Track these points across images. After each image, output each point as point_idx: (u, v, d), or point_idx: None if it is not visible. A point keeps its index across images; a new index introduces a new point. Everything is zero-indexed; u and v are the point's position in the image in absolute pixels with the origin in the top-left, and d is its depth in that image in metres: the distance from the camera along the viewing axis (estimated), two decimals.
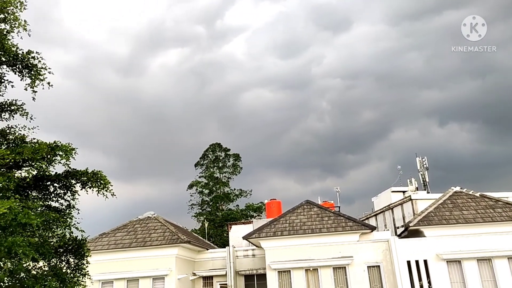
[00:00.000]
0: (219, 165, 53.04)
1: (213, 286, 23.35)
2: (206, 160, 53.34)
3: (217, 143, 54.23)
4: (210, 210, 50.78)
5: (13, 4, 8.67)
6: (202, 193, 52.05)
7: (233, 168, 53.19)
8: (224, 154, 53.54)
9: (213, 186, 51.71)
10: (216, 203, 50.81)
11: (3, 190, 8.04)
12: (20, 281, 9.31)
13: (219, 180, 52.20)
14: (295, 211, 22.47)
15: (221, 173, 52.90)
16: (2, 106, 10.05)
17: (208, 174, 52.38)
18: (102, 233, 22.68)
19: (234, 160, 53.38)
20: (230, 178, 52.87)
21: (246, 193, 51.91)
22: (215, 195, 51.16)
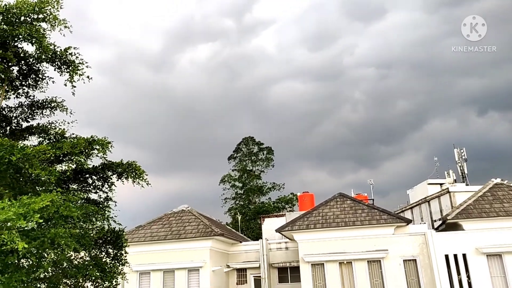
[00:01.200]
0: (252, 158, 53.30)
1: (247, 278, 23.57)
2: (239, 154, 53.74)
3: (250, 137, 54.50)
4: (242, 203, 51.18)
5: (50, 4, 8.97)
6: (234, 186, 52.50)
7: (266, 161, 53.33)
8: (257, 148, 53.76)
9: (246, 179, 52.06)
10: (249, 196, 51.13)
11: (46, 184, 8.38)
12: (63, 270, 9.71)
13: (252, 173, 52.47)
14: (328, 204, 22.29)
15: (254, 166, 53.16)
16: (43, 103, 10.46)
17: (241, 167, 52.76)
18: (139, 226, 23.28)
19: (267, 153, 53.51)
20: (263, 171, 53.10)
21: (279, 186, 51.97)
22: (247, 188, 51.47)
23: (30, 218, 6.79)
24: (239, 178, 52.39)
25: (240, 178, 52.41)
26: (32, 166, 7.49)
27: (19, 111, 10.49)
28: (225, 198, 52.80)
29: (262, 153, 53.72)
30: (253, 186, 51.50)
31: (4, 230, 6.70)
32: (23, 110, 10.50)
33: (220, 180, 53.09)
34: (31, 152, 7.43)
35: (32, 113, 10.57)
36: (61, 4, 9.21)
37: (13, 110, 10.42)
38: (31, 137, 10.36)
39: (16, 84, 9.83)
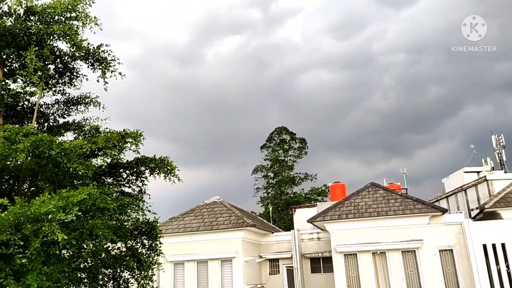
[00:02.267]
0: (284, 148, 53.31)
1: (279, 269, 23.69)
2: (272, 143, 53.86)
3: (283, 127, 54.41)
4: (274, 194, 51.33)
5: (82, 2, 9.23)
6: (266, 176, 52.70)
7: (298, 151, 53.22)
8: (290, 137, 53.67)
9: (278, 169, 52.17)
10: (281, 186, 51.20)
11: (83, 178, 8.67)
12: (102, 260, 10.07)
13: (284, 164, 52.52)
14: (360, 193, 22.03)
15: (286, 156, 53.16)
16: (78, 99, 10.80)
17: (273, 157, 52.87)
18: (172, 217, 23.77)
19: (300, 143, 53.37)
20: (295, 162, 53.04)
21: (311, 177, 51.79)
22: (280, 178, 51.56)
23: (69, 210, 7.06)
24: (271, 167, 52.58)
25: (272, 167, 52.59)
26: (70, 161, 7.76)
27: (56, 107, 10.86)
28: (257, 188, 53.11)
29: (294, 142, 53.62)
30: (285, 176, 51.53)
31: (45, 222, 7.00)
32: (59, 106, 10.88)
33: (252, 170, 53.42)
34: (68, 147, 7.69)
35: (67, 110, 10.93)
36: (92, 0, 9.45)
37: (50, 107, 10.81)
38: (67, 133, 10.72)
39: (53, 82, 10.18)
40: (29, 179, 9.28)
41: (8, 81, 9.11)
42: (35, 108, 9.66)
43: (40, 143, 7.44)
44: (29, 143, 7.29)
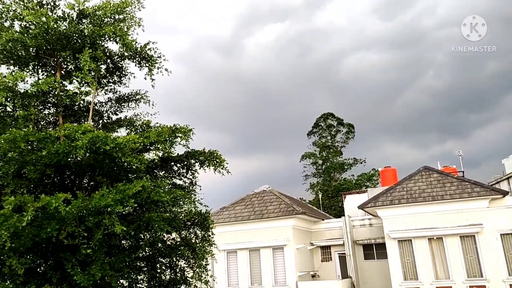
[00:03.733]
0: (331, 133, 52.71)
1: (331, 256, 23.58)
2: (319, 129, 53.39)
3: (330, 113, 53.74)
4: (323, 181, 50.95)
5: (131, 4, 9.56)
6: (315, 163, 52.40)
7: (346, 137, 52.46)
8: (337, 123, 52.95)
9: (326, 155, 51.71)
10: (330, 173, 50.72)
11: (137, 171, 9.05)
12: (159, 250, 10.51)
13: (332, 150, 51.98)
14: (413, 178, 21.35)
15: (333, 142, 52.56)
16: (128, 96, 11.23)
17: (320, 143, 52.46)
18: (223, 207, 24.24)
19: (347, 129, 52.54)
20: (344, 147, 52.35)
21: (361, 161, 50.88)
22: (328, 165, 51.09)
23: (126, 203, 7.40)
24: (319, 153, 52.22)
25: (320, 153, 52.21)
26: (124, 155, 8.11)
27: (109, 105, 11.35)
28: (306, 175, 52.94)
29: (341, 127, 52.85)
30: (333, 163, 50.98)
31: (105, 215, 7.39)
32: (112, 104, 11.35)
33: (301, 157, 53.28)
34: (122, 142, 8.02)
35: (120, 107, 11.39)
36: (142, 4, 9.77)
37: (103, 105, 11.31)
38: (120, 129, 11.19)
39: (105, 81, 10.64)
40: (89, 174, 9.77)
41: (65, 82, 9.62)
42: (90, 106, 10.14)
43: (96, 140, 7.81)
44: (86, 140, 7.68)
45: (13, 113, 9.32)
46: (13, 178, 7.91)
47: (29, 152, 7.79)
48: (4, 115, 9.07)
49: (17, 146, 7.46)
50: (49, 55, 9.56)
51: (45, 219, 7.26)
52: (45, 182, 8.71)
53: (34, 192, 8.31)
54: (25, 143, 7.62)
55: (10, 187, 7.76)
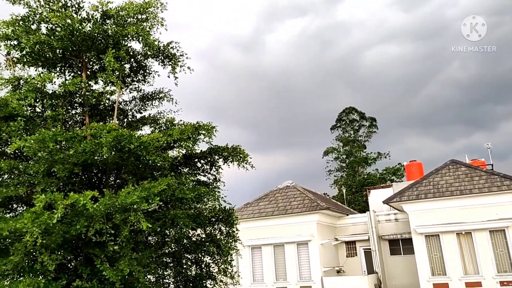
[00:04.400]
0: (354, 128, 52.20)
1: (356, 251, 23.38)
2: (342, 124, 52.96)
3: (352, 107, 53.26)
4: (347, 176, 50.51)
5: (154, 5, 9.67)
6: (338, 158, 52.01)
7: (368, 131, 51.86)
8: (359, 117, 52.39)
9: (350, 150, 51.26)
10: (354, 168, 50.24)
11: (161, 169, 9.17)
12: (184, 246, 10.65)
13: (355, 144, 51.50)
14: (439, 171, 20.92)
15: (356, 136, 52.05)
16: (152, 95, 11.37)
17: (344, 138, 52.05)
18: (247, 203, 24.34)
19: (370, 123, 51.92)
20: (367, 141, 51.78)
21: (384, 155, 50.21)
22: (352, 160, 50.62)
23: (151, 200, 7.52)
24: (342, 148, 51.81)
25: (343, 148, 51.80)
26: (148, 153, 8.22)
27: (133, 104, 11.52)
28: (329, 170, 52.59)
29: (364, 121, 52.24)
30: (357, 157, 50.48)
31: (131, 212, 7.52)
32: (136, 103, 11.52)
33: (324, 152, 52.94)
34: (146, 140, 8.14)
35: (143, 105, 11.55)
36: (164, 6, 9.88)
37: (128, 103, 11.49)
38: (144, 127, 11.34)
39: (129, 80, 10.81)
40: (114, 172, 9.96)
41: (90, 82, 9.82)
42: (115, 105, 10.31)
43: (121, 138, 7.95)
44: (111, 139, 7.82)
45: (42, 113, 9.58)
46: (43, 177, 8.13)
47: (57, 152, 7.99)
48: (33, 115, 9.33)
49: (46, 146, 7.67)
50: (75, 56, 9.77)
51: (74, 216, 7.45)
52: (73, 180, 8.93)
53: (63, 190, 8.52)
54: (53, 142, 7.81)
55: (41, 186, 8.00)
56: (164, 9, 9.89)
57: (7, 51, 9.44)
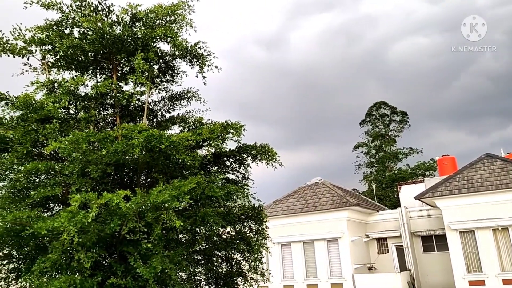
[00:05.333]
0: (384, 123, 51.25)
1: (388, 248, 23.01)
2: (371, 118, 52.11)
3: (382, 101, 52.30)
4: (377, 171, 49.70)
5: (182, 7, 9.79)
6: (368, 153, 51.26)
7: (399, 125, 50.82)
8: (390, 112, 51.39)
9: (380, 145, 50.41)
10: (384, 163, 49.37)
11: (191, 168, 9.28)
12: (215, 244, 10.76)
13: (385, 139, 50.58)
14: (473, 166, 20.30)
15: (387, 131, 51.11)
16: (181, 94, 11.52)
17: (374, 133, 51.22)
18: (275, 200, 24.34)
19: (402, 117, 50.84)
20: (398, 136, 50.78)
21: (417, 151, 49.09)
22: (382, 155, 49.77)
23: (182, 199, 7.62)
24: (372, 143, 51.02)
25: (373, 142, 50.99)
26: (178, 153, 8.34)
27: (162, 104, 11.70)
28: (359, 165, 51.91)
29: (395, 116, 51.20)
30: (387, 152, 49.58)
31: (163, 210, 7.66)
32: (165, 103, 11.70)
33: (353, 147, 52.32)
34: (176, 140, 8.25)
35: (172, 105, 11.71)
36: (192, 8, 9.98)
37: (157, 104, 11.68)
38: (173, 127, 11.50)
39: (157, 80, 10.98)
40: (145, 172, 10.16)
41: (121, 84, 10.05)
42: (144, 106, 10.50)
43: (151, 138, 8.08)
44: (142, 139, 7.97)
45: (76, 115, 9.86)
46: (77, 177, 8.38)
47: (91, 152, 8.21)
48: (67, 117, 9.62)
49: (80, 146, 7.88)
50: (106, 58, 10.00)
51: (108, 215, 7.65)
52: (106, 180, 9.15)
53: (96, 189, 8.76)
54: (87, 143, 8.03)
55: (76, 186, 8.24)
56: (192, 11, 9.99)
57: (42, 56, 9.77)
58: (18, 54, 9.45)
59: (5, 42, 9.23)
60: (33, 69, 9.95)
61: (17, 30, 9.25)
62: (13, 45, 9.32)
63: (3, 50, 9.26)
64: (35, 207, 8.80)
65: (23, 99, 8.68)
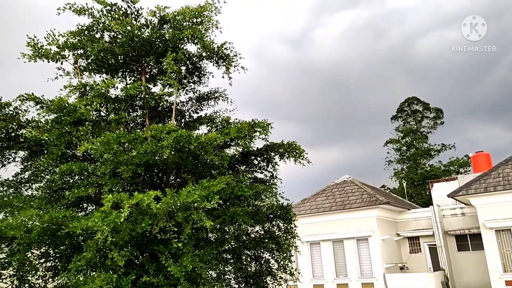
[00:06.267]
0: (416, 119, 50.03)
1: (420, 247, 22.51)
2: (403, 114, 50.97)
3: (414, 97, 51.05)
4: (408, 168, 48.61)
5: (208, 9, 9.88)
6: (399, 150, 50.22)
7: (432, 121, 49.49)
8: (423, 108, 50.10)
9: (411, 142, 49.26)
10: (415, 160, 48.21)
11: (219, 168, 9.35)
12: (244, 243, 10.81)
13: (417, 135, 49.40)
14: (509, 162, 19.61)
15: (419, 128, 49.89)
16: (208, 95, 11.62)
17: (405, 129, 50.08)
18: (304, 199, 24.22)
19: (435, 114, 49.50)
20: (430, 132, 49.47)
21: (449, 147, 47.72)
22: (413, 152, 48.63)
23: (211, 199, 7.69)
24: (402, 139, 49.91)
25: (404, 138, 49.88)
26: (206, 153, 8.41)
27: (189, 104, 11.84)
28: (389, 161, 50.91)
29: (428, 112, 49.88)
30: (419, 149, 48.40)
31: (192, 210, 7.75)
32: (192, 103, 11.83)
33: (384, 143, 51.38)
34: (204, 140, 8.33)
35: (200, 105, 11.83)
36: (219, 9, 10.06)
37: (185, 104, 11.83)
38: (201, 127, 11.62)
39: (185, 81, 11.12)
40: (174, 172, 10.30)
41: (149, 85, 10.22)
42: (173, 107, 10.65)
43: (180, 139, 8.18)
44: (171, 140, 8.08)
45: (106, 117, 10.11)
46: (109, 178, 8.57)
47: (121, 153, 8.38)
48: (99, 119, 9.87)
49: (111, 148, 8.07)
50: (135, 61, 10.20)
51: (139, 215, 7.80)
52: (137, 180, 9.33)
53: (127, 190, 8.94)
54: (117, 144, 8.20)
55: (107, 186, 8.43)
56: (218, 12, 10.05)
57: (74, 60, 10.06)
58: (52, 59, 9.77)
59: (40, 47, 9.55)
60: (66, 73, 10.27)
61: (51, 35, 9.55)
62: (47, 50, 9.63)
63: (38, 56, 9.58)
64: (69, 207, 9.06)
65: (57, 103, 8.96)
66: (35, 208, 8.21)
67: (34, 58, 9.54)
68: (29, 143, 9.34)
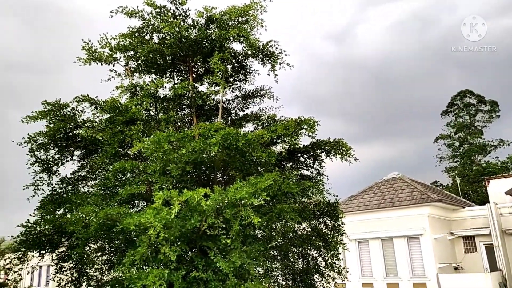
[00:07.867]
0: (470, 113, 47.40)
1: (476, 246, 21.47)
2: (455, 109, 48.47)
3: (467, 90, 48.19)
4: (461, 164, 46.28)
5: (254, 8, 9.94)
6: (451, 145, 47.89)
7: (488, 115, 46.69)
8: (477, 101, 47.34)
9: (465, 137, 46.79)
10: (470, 156, 45.79)
11: (266, 164, 9.38)
12: (290, 240, 10.80)
13: (471, 130, 46.82)
14: None
15: (472, 122, 47.24)
16: (253, 93, 11.69)
17: (457, 124, 47.57)
18: (351, 196, 23.80)
19: (490, 107, 46.65)
20: (485, 127, 46.74)
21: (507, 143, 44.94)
22: (467, 147, 46.18)
23: (258, 196, 7.72)
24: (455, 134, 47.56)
25: (456, 134, 47.50)
26: (254, 150, 8.47)
27: (236, 102, 11.97)
28: (440, 157, 48.71)
29: (482, 105, 47.08)
30: (474, 145, 45.91)
31: (240, 207, 7.82)
32: (239, 101, 11.94)
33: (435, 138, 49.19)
34: (251, 138, 8.38)
35: (246, 103, 11.93)
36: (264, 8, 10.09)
37: (231, 102, 11.97)
38: (247, 124, 11.71)
39: (231, 80, 11.24)
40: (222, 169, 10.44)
41: (196, 84, 10.42)
42: (219, 105, 10.80)
43: (228, 136, 8.29)
44: (219, 137, 8.19)
45: (156, 116, 10.42)
46: (159, 175, 8.83)
47: (171, 151, 8.60)
48: (149, 118, 10.19)
49: (161, 146, 8.31)
50: (182, 61, 10.44)
51: (188, 212, 7.98)
52: (185, 178, 9.55)
53: (177, 187, 9.17)
54: (167, 143, 8.43)
55: (158, 184, 8.69)
56: (264, 10, 10.07)
57: (125, 62, 10.45)
58: (105, 62, 10.19)
59: (94, 51, 9.99)
60: (117, 75, 10.68)
61: (104, 39, 9.97)
62: (100, 54, 10.06)
63: (92, 59, 10.03)
64: (122, 203, 9.44)
65: (110, 103, 9.35)
66: (91, 205, 8.62)
67: (89, 61, 10.00)
68: (85, 142, 9.82)
